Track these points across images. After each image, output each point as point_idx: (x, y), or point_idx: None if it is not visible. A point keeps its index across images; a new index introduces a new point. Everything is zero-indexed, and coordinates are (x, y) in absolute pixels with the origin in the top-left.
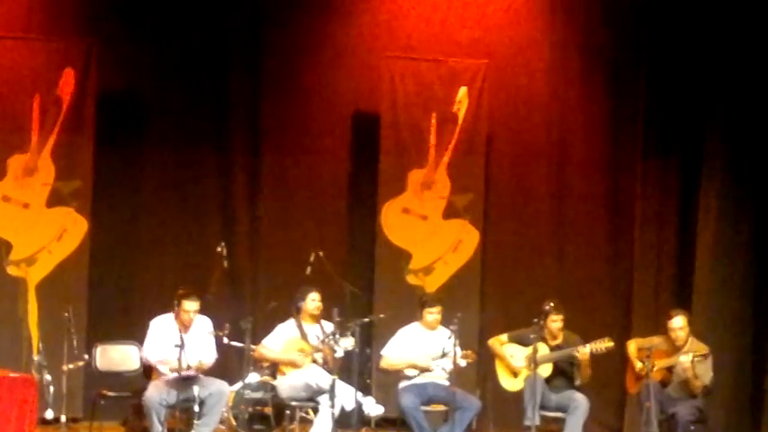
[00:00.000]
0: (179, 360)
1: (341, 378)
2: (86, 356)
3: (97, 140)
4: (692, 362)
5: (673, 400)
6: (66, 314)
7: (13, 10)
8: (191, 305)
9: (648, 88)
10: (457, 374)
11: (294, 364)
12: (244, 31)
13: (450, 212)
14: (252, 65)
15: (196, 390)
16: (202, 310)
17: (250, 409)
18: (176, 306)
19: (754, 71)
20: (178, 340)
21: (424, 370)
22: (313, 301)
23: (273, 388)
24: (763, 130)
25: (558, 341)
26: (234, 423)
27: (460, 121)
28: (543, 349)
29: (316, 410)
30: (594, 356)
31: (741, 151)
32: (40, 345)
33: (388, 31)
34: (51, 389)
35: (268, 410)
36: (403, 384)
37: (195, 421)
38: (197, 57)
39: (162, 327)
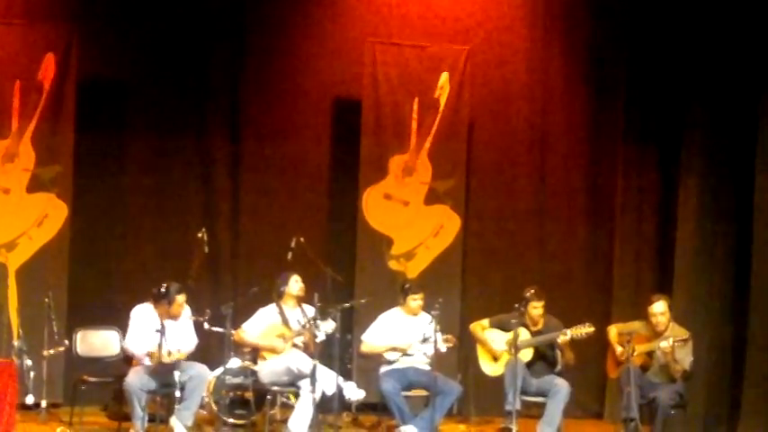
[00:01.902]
0: (159, 346)
1: (322, 363)
2: (67, 342)
3: (78, 126)
4: (673, 346)
5: (653, 384)
6: (47, 299)
7: None
8: (182, 297)
9: (629, 76)
10: (438, 359)
11: (274, 351)
12: (225, 17)
13: (431, 198)
14: (233, 51)
15: (177, 375)
16: None
17: (231, 395)
18: (165, 301)
19: (732, 60)
20: (159, 327)
21: (403, 351)
22: (296, 283)
23: (254, 373)
24: (742, 118)
25: (540, 327)
26: (215, 408)
27: (442, 106)
28: (524, 334)
29: (297, 395)
30: (575, 341)
31: (720, 139)
32: (21, 330)
33: (370, 17)
34: (32, 374)
35: (249, 395)
36: (384, 369)
37: (176, 406)
38: (178, 42)
39: (143, 315)
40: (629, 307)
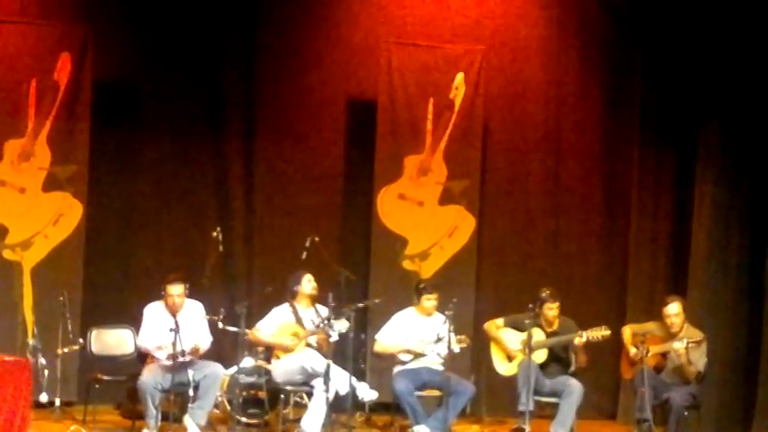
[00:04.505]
0: (173, 344)
1: (335, 363)
2: (81, 340)
3: (93, 125)
4: (687, 348)
5: (667, 385)
6: (62, 298)
7: None
8: (174, 289)
9: (645, 76)
10: (451, 359)
11: (285, 348)
12: (239, 17)
13: (446, 198)
14: (247, 50)
15: (191, 373)
16: (197, 295)
17: (244, 394)
18: (163, 292)
19: (749, 59)
20: (172, 325)
21: (417, 355)
22: (309, 283)
23: (268, 372)
24: (758, 118)
25: (555, 328)
26: (228, 407)
27: (457, 107)
28: (539, 335)
29: (310, 395)
30: (590, 344)
31: (736, 138)
32: (35, 328)
33: (386, 17)
34: (46, 372)
35: (262, 395)
36: (397, 369)
37: (190, 405)
38: (192, 43)
39: (155, 313)
40: (643, 308)
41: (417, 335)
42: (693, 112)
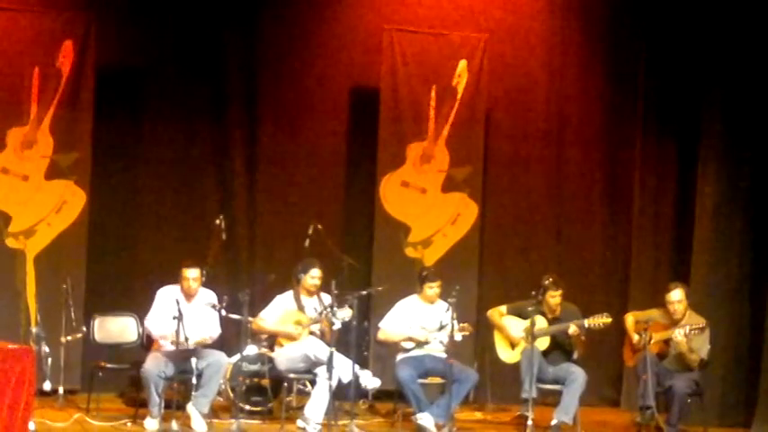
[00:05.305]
0: (177, 332)
1: (338, 350)
2: (84, 328)
3: (96, 113)
4: (689, 335)
5: (670, 372)
6: (65, 286)
7: None
8: (190, 272)
9: (647, 65)
10: (454, 347)
11: (290, 337)
12: (242, 5)
13: (449, 185)
14: (250, 38)
15: (194, 362)
16: (203, 283)
17: (248, 382)
18: (180, 276)
19: (751, 46)
20: (177, 313)
21: (420, 343)
22: (312, 279)
23: (271, 360)
24: (760, 102)
25: (557, 314)
26: (231, 395)
27: (460, 94)
28: (542, 322)
29: (313, 383)
30: (591, 331)
31: (739, 125)
32: (39, 316)
33: (388, 4)
34: (49, 360)
35: (266, 383)
36: (400, 357)
37: (193, 393)
38: (195, 30)
39: (168, 297)
40: (646, 295)
41: (420, 322)
42: (696, 98)
